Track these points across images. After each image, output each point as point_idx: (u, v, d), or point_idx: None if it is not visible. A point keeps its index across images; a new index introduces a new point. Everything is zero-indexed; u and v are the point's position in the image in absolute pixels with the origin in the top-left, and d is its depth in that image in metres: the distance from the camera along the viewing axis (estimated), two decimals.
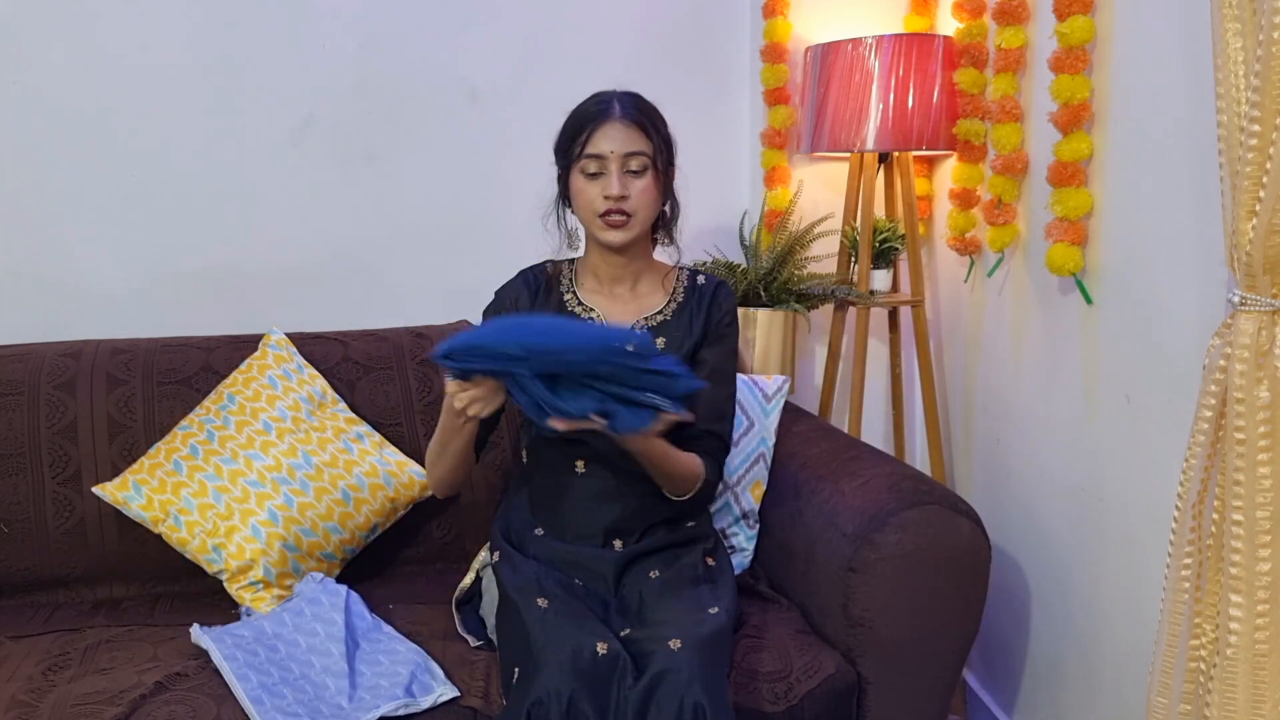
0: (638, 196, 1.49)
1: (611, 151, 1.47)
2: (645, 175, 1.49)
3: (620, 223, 1.49)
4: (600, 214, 1.49)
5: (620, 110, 1.48)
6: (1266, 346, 1.16)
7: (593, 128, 1.48)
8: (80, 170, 2.00)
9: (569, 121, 1.52)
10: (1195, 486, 1.24)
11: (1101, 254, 1.65)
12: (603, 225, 1.50)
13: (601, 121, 1.47)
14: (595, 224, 1.51)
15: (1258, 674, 1.18)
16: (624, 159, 1.47)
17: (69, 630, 1.60)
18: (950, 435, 2.24)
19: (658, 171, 1.50)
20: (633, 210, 1.49)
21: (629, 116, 1.48)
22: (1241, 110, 1.13)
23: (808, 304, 2.11)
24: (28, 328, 1.96)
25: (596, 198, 1.49)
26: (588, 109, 1.50)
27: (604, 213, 1.48)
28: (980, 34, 1.96)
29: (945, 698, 1.57)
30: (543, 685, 1.22)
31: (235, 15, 2.03)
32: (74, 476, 1.74)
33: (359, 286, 2.16)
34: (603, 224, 1.49)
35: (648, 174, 1.49)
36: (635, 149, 1.47)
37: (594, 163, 1.48)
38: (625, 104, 1.49)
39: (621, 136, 1.47)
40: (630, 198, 1.48)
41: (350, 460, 1.75)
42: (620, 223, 1.49)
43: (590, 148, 1.47)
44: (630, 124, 1.48)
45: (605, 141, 1.47)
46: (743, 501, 1.79)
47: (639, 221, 1.51)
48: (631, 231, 1.50)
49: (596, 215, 1.49)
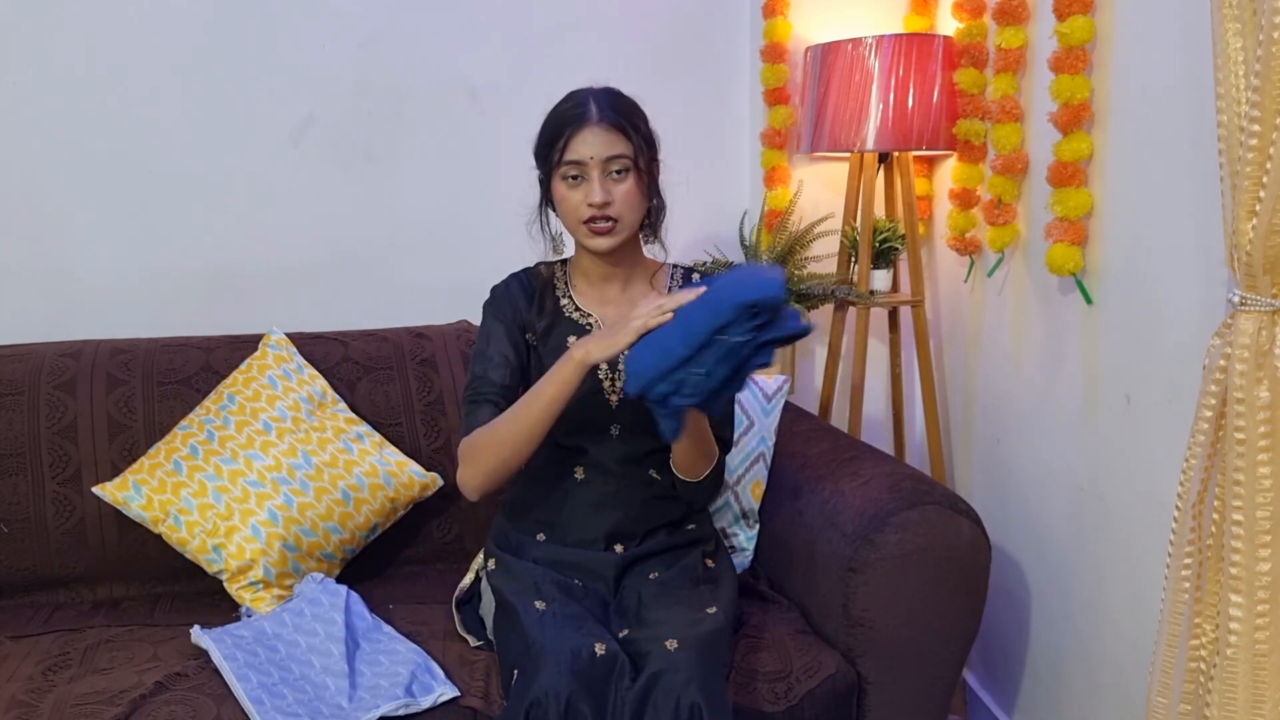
0: (621, 200, 1.44)
1: (591, 158, 1.42)
2: (628, 178, 1.44)
3: (606, 229, 1.45)
4: (584, 221, 1.45)
5: (598, 113, 1.43)
6: (1266, 346, 1.16)
7: (570, 132, 1.43)
8: (80, 170, 2.00)
9: (546, 125, 1.47)
10: (1195, 486, 1.24)
11: (1101, 254, 1.65)
12: (588, 233, 1.46)
13: (579, 126, 1.42)
14: (581, 231, 1.47)
15: (1258, 674, 1.18)
16: (605, 163, 1.43)
17: (69, 630, 1.60)
18: (950, 435, 2.24)
19: (640, 172, 1.46)
20: (618, 215, 1.44)
21: (607, 119, 1.43)
22: (1241, 110, 1.13)
23: (808, 304, 2.11)
24: (28, 328, 1.96)
25: (580, 205, 1.44)
26: (564, 112, 1.45)
27: (588, 219, 1.44)
28: (980, 34, 1.96)
29: (945, 698, 1.57)
30: (541, 686, 1.22)
31: (235, 15, 2.03)
32: (74, 476, 1.74)
33: (359, 286, 2.16)
34: (588, 231, 1.45)
35: (630, 176, 1.44)
36: (615, 152, 1.43)
37: (574, 168, 1.44)
38: (602, 105, 1.44)
39: (600, 141, 1.42)
40: (614, 202, 1.44)
41: (350, 460, 1.75)
42: (606, 229, 1.45)
43: (569, 154, 1.43)
44: (609, 127, 1.43)
45: (584, 147, 1.42)
46: (743, 501, 1.79)
47: (625, 226, 1.46)
48: (619, 236, 1.46)
49: (581, 223, 1.45)
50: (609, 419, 1.53)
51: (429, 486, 1.81)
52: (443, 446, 1.87)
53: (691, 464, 1.49)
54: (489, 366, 1.52)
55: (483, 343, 1.54)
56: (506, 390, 1.49)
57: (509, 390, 1.49)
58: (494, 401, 1.48)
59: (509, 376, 1.51)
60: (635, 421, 1.52)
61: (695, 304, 1.27)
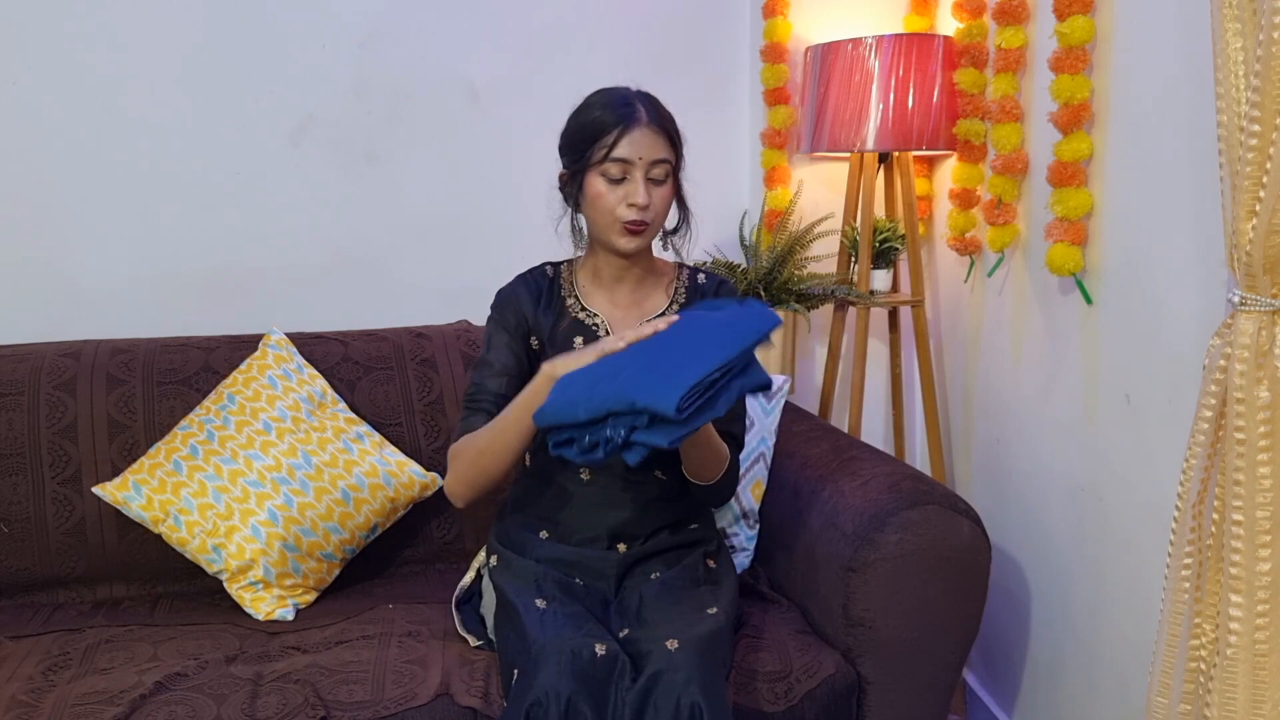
0: (657, 204, 1.45)
1: (640, 158, 1.42)
2: (666, 183, 1.46)
3: (639, 230, 1.46)
4: (625, 221, 1.45)
5: (647, 116, 1.44)
6: (1266, 346, 1.16)
7: (621, 131, 1.42)
8: (80, 170, 2.00)
9: (587, 120, 1.46)
10: (1195, 486, 1.24)
11: (1101, 254, 1.65)
12: (622, 231, 1.46)
13: (630, 126, 1.43)
14: (614, 229, 1.46)
15: (1258, 674, 1.18)
16: (650, 166, 1.44)
17: (69, 630, 1.60)
18: (950, 435, 2.24)
19: (675, 178, 1.49)
20: (651, 219, 1.46)
21: (655, 122, 1.44)
22: (1241, 110, 1.13)
23: (808, 304, 2.11)
24: (28, 328, 1.96)
25: (619, 204, 1.44)
26: (610, 111, 1.45)
27: (629, 220, 1.44)
28: (980, 34, 1.96)
29: (945, 698, 1.57)
30: (541, 686, 1.22)
31: (235, 15, 2.03)
32: (74, 476, 1.74)
33: (359, 286, 2.16)
34: (623, 230, 1.45)
35: (669, 182, 1.46)
36: (661, 156, 1.44)
37: (619, 167, 1.43)
38: (649, 108, 1.46)
39: (649, 143, 1.43)
40: (651, 206, 1.45)
41: (350, 460, 1.75)
42: (639, 230, 1.46)
43: (617, 151, 1.42)
44: (658, 130, 1.44)
45: (633, 147, 1.42)
46: (743, 501, 1.79)
47: (655, 229, 1.48)
48: (647, 239, 1.48)
49: (619, 222, 1.45)
50: None
51: (429, 486, 1.81)
52: (443, 446, 1.87)
53: (701, 468, 1.48)
54: (487, 375, 1.52)
55: (485, 349, 1.55)
56: (502, 400, 1.49)
57: (504, 400, 1.48)
58: (488, 410, 1.49)
59: (505, 386, 1.51)
60: None
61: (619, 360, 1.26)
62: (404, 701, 1.38)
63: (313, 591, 1.71)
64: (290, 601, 1.67)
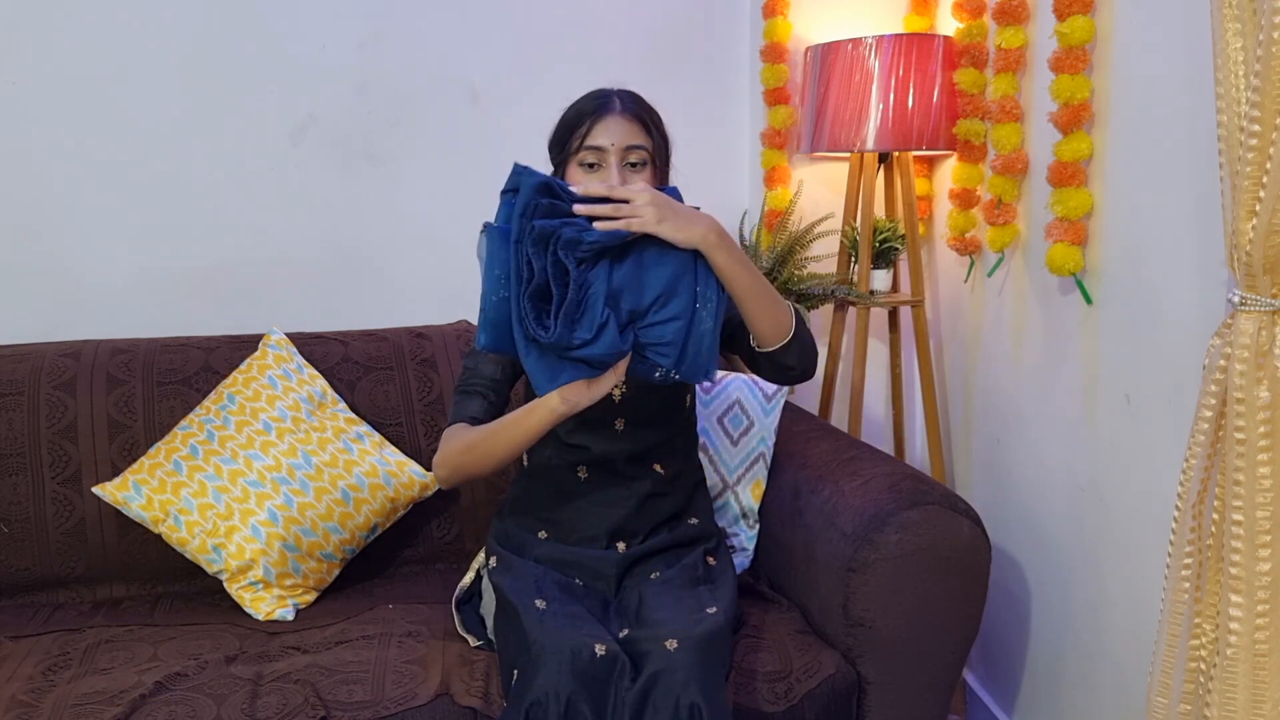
0: None
1: (611, 144, 1.44)
2: (644, 171, 1.46)
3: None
4: None
5: (620, 105, 1.46)
6: (1266, 346, 1.16)
7: (593, 120, 1.45)
8: (80, 170, 2.00)
9: (566, 115, 1.49)
10: (1195, 486, 1.24)
11: (1101, 254, 1.65)
12: None
13: (602, 115, 1.45)
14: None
15: (1258, 674, 1.18)
16: (624, 152, 1.44)
17: (69, 630, 1.60)
18: (950, 435, 2.24)
19: (656, 168, 1.48)
20: None
21: (629, 111, 1.46)
22: (1241, 110, 1.13)
23: (808, 304, 2.11)
24: (28, 328, 1.96)
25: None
26: (587, 103, 1.48)
27: None
28: (980, 34, 1.96)
29: (945, 698, 1.57)
30: (541, 686, 1.22)
31: (235, 14, 2.03)
32: (74, 476, 1.74)
33: (359, 286, 2.16)
34: None
35: (646, 169, 1.46)
36: (635, 143, 1.45)
37: (593, 154, 1.44)
38: (625, 99, 1.48)
39: (622, 130, 1.44)
40: None
41: (350, 460, 1.75)
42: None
43: (590, 140, 1.44)
44: (631, 118, 1.45)
45: (605, 134, 1.44)
46: (743, 501, 1.79)
47: None
48: None
49: None
50: (614, 414, 1.54)
51: (429, 486, 1.81)
52: None
53: (762, 320, 1.38)
54: (481, 360, 1.55)
55: None
56: (497, 384, 1.54)
57: (499, 384, 1.54)
58: (483, 394, 1.52)
59: (500, 371, 1.54)
60: (639, 414, 1.53)
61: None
62: (404, 701, 1.37)
63: (313, 591, 1.71)
64: (290, 601, 1.67)
